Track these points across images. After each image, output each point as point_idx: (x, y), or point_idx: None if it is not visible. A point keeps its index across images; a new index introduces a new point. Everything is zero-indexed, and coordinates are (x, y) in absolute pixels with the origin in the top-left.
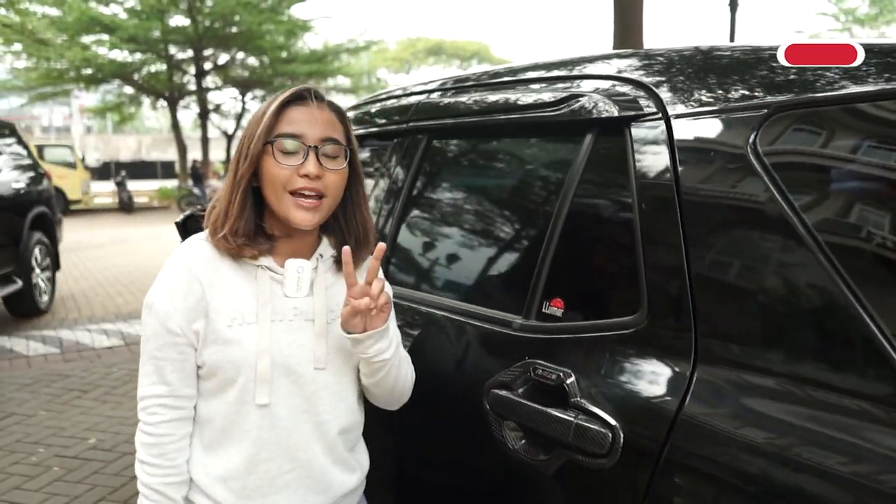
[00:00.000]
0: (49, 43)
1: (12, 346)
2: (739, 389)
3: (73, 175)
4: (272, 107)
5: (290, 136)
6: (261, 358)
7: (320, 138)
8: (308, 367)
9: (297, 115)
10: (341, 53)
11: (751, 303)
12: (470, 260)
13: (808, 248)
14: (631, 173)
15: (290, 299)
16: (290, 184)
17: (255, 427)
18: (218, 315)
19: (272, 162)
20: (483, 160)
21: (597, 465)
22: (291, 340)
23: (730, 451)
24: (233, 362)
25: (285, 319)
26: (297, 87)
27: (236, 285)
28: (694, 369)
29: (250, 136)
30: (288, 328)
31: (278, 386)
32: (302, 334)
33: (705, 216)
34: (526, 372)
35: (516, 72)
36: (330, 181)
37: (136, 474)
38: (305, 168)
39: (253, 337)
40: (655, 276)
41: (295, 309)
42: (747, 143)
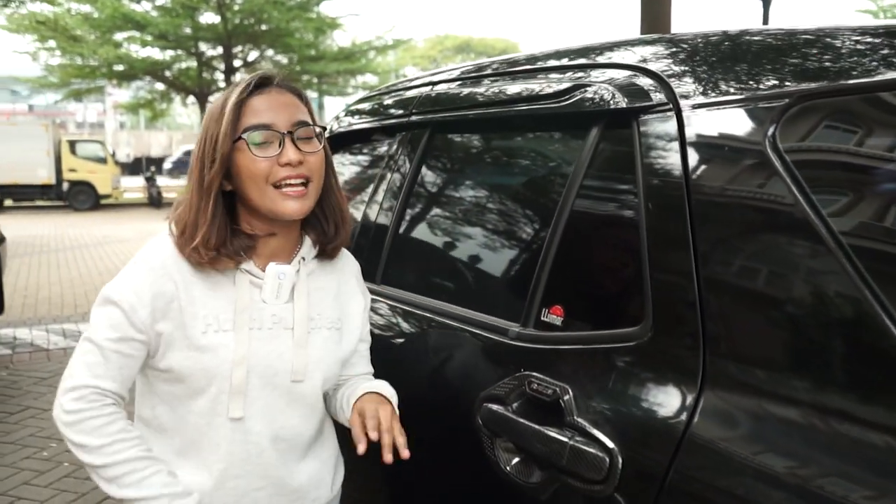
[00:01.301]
0: (82, 40)
1: (33, 339)
2: (752, 414)
3: (104, 170)
4: (231, 101)
5: (261, 126)
6: (237, 368)
7: (292, 123)
8: (285, 379)
9: (259, 103)
10: (369, 51)
11: (766, 316)
12: (467, 262)
13: (833, 256)
14: (638, 170)
15: (268, 306)
16: (273, 176)
17: (225, 441)
18: (193, 319)
19: (248, 158)
20: (484, 155)
21: (593, 491)
22: (269, 350)
23: (740, 483)
24: (206, 371)
25: (264, 328)
26: (252, 76)
27: (212, 288)
28: (702, 389)
29: (213, 137)
30: (266, 337)
31: (253, 398)
32: (280, 344)
33: (718, 219)
34: (521, 385)
35: (520, 62)
36: (312, 164)
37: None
38: (286, 156)
39: (229, 345)
40: (661, 284)
41: (274, 316)
42: (765, 137)
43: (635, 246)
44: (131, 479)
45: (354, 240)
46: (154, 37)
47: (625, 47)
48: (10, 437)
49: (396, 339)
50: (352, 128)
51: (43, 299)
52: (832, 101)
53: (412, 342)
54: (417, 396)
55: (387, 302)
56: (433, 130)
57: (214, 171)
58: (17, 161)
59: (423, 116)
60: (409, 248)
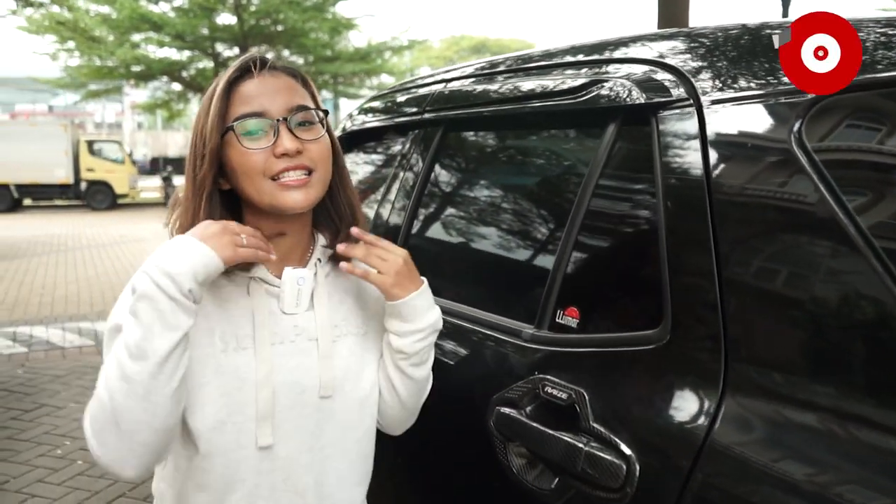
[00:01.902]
0: (100, 40)
1: (49, 338)
2: (775, 420)
3: (122, 170)
4: (218, 88)
5: (251, 115)
6: (262, 390)
7: (286, 108)
8: (313, 396)
9: (249, 89)
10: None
11: (791, 318)
12: (480, 262)
13: (862, 257)
14: (656, 168)
15: (288, 316)
16: (270, 169)
17: (252, 473)
18: (209, 338)
19: (239, 151)
20: (498, 153)
21: (609, 499)
22: (295, 366)
23: (763, 491)
24: (227, 396)
25: (286, 341)
26: (241, 59)
27: (226, 301)
28: (723, 394)
29: (202, 131)
30: (290, 351)
31: (280, 421)
32: (306, 357)
33: (740, 218)
34: (535, 389)
35: (536, 58)
36: (314, 153)
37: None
38: (281, 145)
39: (251, 365)
40: (681, 285)
41: (296, 328)
42: (790, 133)
43: (653, 246)
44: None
45: None
46: (171, 37)
47: (642, 42)
48: (25, 434)
49: None
50: (364, 126)
51: (59, 298)
52: (861, 95)
53: None
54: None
55: None
56: (446, 128)
57: (205, 168)
58: (37, 161)
59: (437, 114)
60: (421, 247)
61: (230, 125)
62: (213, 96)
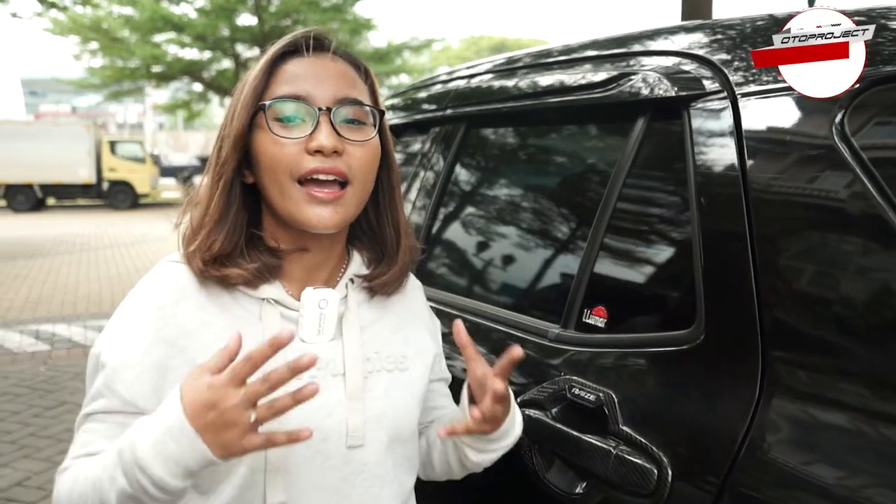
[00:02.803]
0: (123, 41)
1: (71, 336)
2: (817, 424)
3: (143, 170)
4: (262, 62)
5: (290, 97)
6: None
7: (335, 98)
8: (339, 445)
9: (297, 68)
10: (404, 52)
11: (833, 318)
12: (505, 261)
13: None
14: (689, 163)
15: (311, 346)
16: (298, 167)
17: None
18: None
19: (267, 138)
20: (522, 150)
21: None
22: (316, 408)
23: (804, 499)
24: None
25: (304, 377)
26: (298, 32)
27: (231, 330)
28: (760, 397)
29: (233, 108)
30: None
31: (297, 476)
32: (330, 397)
33: (778, 214)
34: (561, 390)
35: (561, 51)
36: (355, 159)
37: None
38: (317, 140)
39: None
40: (715, 283)
41: (321, 360)
42: (832, 125)
43: (685, 244)
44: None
45: None
46: (192, 38)
47: (671, 34)
48: (47, 431)
49: None
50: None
51: (82, 296)
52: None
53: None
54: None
55: None
56: (469, 125)
57: (227, 151)
58: (60, 161)
59: (458, 110)
60: (443, 246)
61: (263, 104)
62: (254, 70)
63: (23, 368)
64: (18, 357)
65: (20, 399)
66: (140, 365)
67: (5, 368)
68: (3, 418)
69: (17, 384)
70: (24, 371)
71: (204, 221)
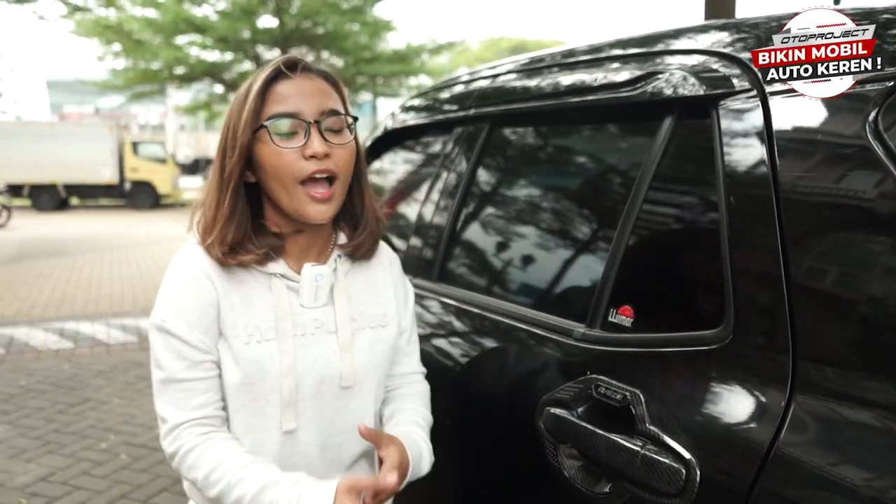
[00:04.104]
0: (145, 43)
1: (94, 334)
2: (849, 425)
3: (164, 170)
4: (255, 86)
5: (286, 115)
6: (285, 379)
7: (319, 111)
8: (333, 386)
9: (285, 89)
10: (423, 53)
11: (866, 318)
12: (530, 260)
13: None
14: (718, 162)
15: (308, 310)
16: (300, 172)
17: (274, 455)
18: (233, 330)
19: (271, 149)
20: (548, 149)
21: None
22: (315, 357)
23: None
24: (253, 385)
25: (307, 333)
26: (279, 59)
27: (250, 296)
28: (791, 398)
29: (235, 125)
30: (311, 343)
31: (303, 408)
32: (325, 349)
33: (810, 214)
34: (587, 389)
35: (586, 51)
36: (339, 159)
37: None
38: (311, 147)
39: (274, 355)
40: (744, 283)
41: (316, 321)
42: (865, 123)
43: (713, 243)
44: (250, 498)
45: (410, 236)
46: (214, 40)
47: (700, 32)
48: (70, 427)
49: (454, 339)
50: (407, 124)
51: (105, 295)
52: None
53: (471, 342)
54: (476, 398)
55: (444, 300)
56: (493, 124)
57: (234, 160)
58: (84, 161)
59: (483, 110)
60: (468, 245)
61: (264, 123)
62: (248, 93)
63: (47, 365)
64: (43, 354)
65: (45, 396)
66: (200, 326)
67: (30, 365)
68: (28, 414)
69: (42, 381)
70: (49, 368)
71: (217, 217)
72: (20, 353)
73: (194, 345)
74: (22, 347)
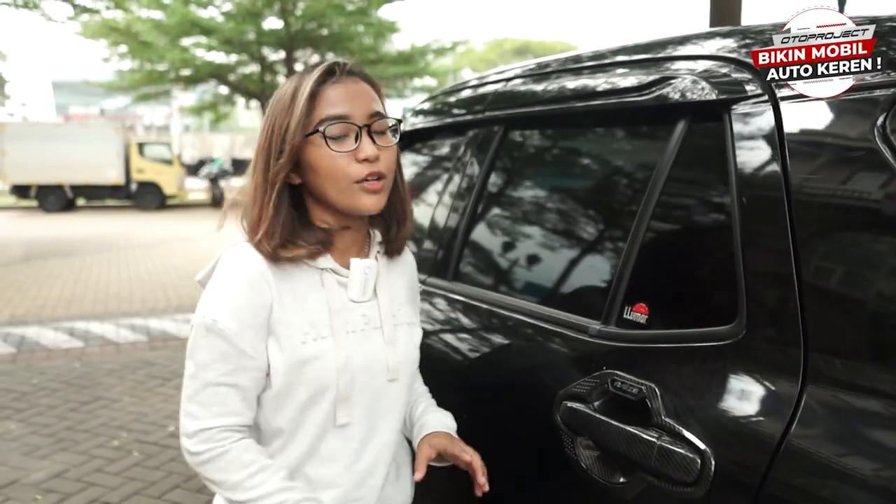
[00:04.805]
0: (152, 45)
1: (103, 333)
2: (859, 417)
3: (170, 171)
4: (304, 90)
5: (338, 118)
6: (342, 375)
7: (367, 114)
8: (381, 380)
9: (334, 93)
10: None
11: (875, 314)
12: (545, 259)
13: None
14: (730, 164)
15: (357, 305)
16: (356, 174)
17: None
18: (288, 330)
19: (325, 153)
20: (563, 151)
21: (683, 493)
22: (365, 352)
23: (845, 492)
24: (310, 383)
25: (357, 329)
26: (325, 64)
27: (304, 293)
28: (802, 390)
29: (282, 128)
30: (360, 339)
31: (356, 403)
32: (373, 344)
33: (821, 214)
34: (603, 383)
35: (601, 55)
36: (386, 160)
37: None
38: (363, 151)
39: (330, 352)
40: (757, 280)
41: (364, 316)
42: (874, 127)
43: (727, 242)
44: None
45: (425, 237)
46: (220, 42)
47: (712, 38)
48: (83, 425)
49: (470, 337)
50: (419, 127)
51: (113, 295)
52: None
53: (487, 340)
54: (494, 394)
55: (460, 299)
56: (507, 127)
57: (282, 163)
58: (90, 162)
59: (496, 113)
60: (483, 245)
61: (319, 128)
62: (295, 97)
63: (58, 364)
64: (53, 353)
65: (57, 394)
66: (253, 326)
67: (41, 364)
68: (41, 412)
69: (53, 379)
70: (60, 367)
71: (262, 217)
72: (31, 352)
73: (243, 348)
74: (33, 346)
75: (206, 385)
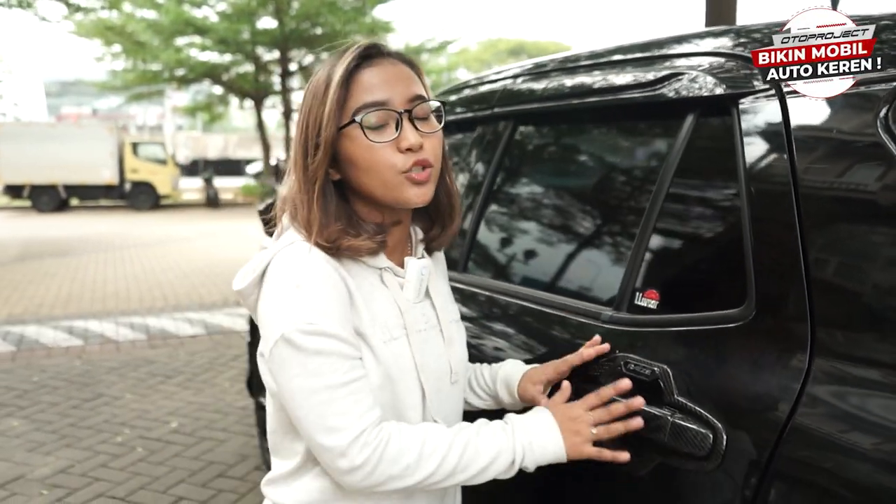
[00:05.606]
0: (146, 45)
1: (103, 332)
2: (865, 394)
3: (164, 171)
4: (336, 76)
5: (375, 105)
6: (421, 375)
7: (407, 98)
8: (446, 381)
9: (370, 77)
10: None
11: (880, 299)
12: (557, 249)
13: None
14: (738, 156)
15: (415, 305)
16: (401, 165)
17: None
18: (371, 329)
19: (364, 144)
20: (572, 145)
21: (695, 468)
22: (430, 353)
23: (853, 464)
24: (388, 385)
25: (421, 330)
26: (360, 45)
27: (371, 293)
28: (809, 369)
29: (317, 120)
30: (424, 339)
31: (437, 406)
32: (434, 345)
33: (827, 204)
34: (616, 366)
35: (609, 52)
36: (432, 148)
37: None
38: (406, 140)
39: (406, 353)
40: (765, 265)
41: (424, 315)
42: (877, 120)
43: (735, 231)
44: (472, 451)
45: None
46: (214, 42)
47: (719, 35)
48: (86, 422)
49: (485, 326)
50: None
51: (110, 294)
52: None
53: (503, 329)
54: None
55: (476, 290)
56: (517, 122)
57: (319, 158)
58: (84, 162)
59: (506, 109)
60: (496, 237)
61: (356, 119)
62: (328, 84)
63: (58, 362)
64: (53, 351)
65: (58, 391)
66: (346, 323)
67: (41, 362)
68: (43, 409)
69: (55, 377)
70: (60, 365)
71: (312, 216)
72: (31, 350)
73: (351, 342)
74: (32, 345)
75: (333, 391)
